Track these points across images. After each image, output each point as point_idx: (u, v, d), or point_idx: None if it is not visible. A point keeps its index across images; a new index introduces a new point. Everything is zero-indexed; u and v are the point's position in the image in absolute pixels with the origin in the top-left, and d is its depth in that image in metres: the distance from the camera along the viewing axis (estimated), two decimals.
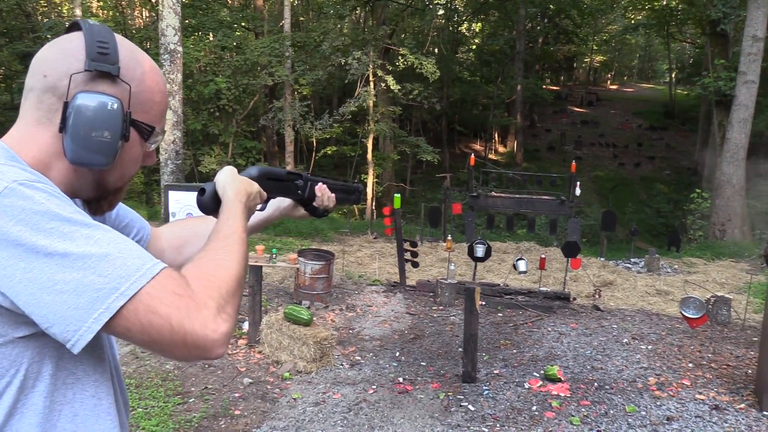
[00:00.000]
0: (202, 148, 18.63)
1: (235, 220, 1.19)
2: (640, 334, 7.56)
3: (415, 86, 19.37)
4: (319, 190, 1.56)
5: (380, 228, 15.03)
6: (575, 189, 10.68)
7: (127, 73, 1.09)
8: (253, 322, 6.70)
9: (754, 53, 15.48)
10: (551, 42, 36.90)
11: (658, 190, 27.68)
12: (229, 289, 1.06)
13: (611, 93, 48.62)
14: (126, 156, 1.14)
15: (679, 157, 32.39)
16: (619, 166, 31.31)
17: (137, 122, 1.12)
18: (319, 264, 8.24)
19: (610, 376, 6.10)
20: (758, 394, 5.47)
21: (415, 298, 9.00)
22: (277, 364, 6.18)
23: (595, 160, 32.30)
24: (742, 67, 15.69)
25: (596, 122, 37.83)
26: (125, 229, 1.37)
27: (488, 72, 32.82)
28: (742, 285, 10.54)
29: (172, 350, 0.98)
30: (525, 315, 8.32)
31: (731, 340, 7.48)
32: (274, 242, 12.53)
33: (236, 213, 1.20)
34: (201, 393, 5.49)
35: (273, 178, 1.40)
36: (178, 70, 8.43)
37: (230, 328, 1.02)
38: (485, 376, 6.05)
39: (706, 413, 5.23)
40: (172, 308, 0.96)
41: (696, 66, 32.10)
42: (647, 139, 34.85)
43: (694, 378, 6.05)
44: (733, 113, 15.96)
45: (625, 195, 26.69)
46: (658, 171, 30.72)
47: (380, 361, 6.45)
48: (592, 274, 11.24)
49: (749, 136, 16.16)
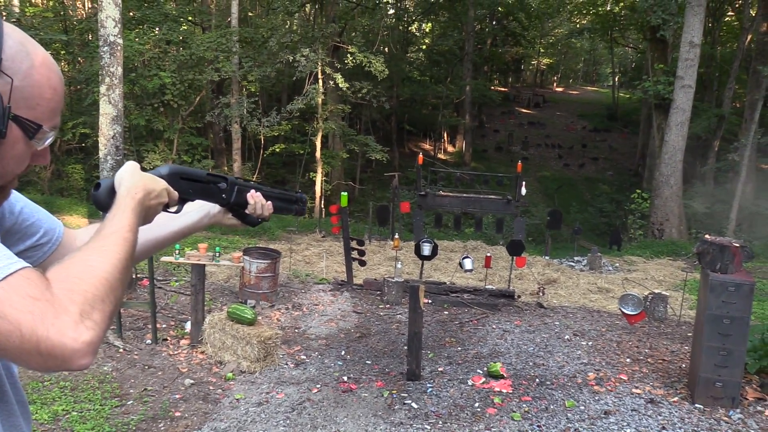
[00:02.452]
0: (145, 144, 18.17)
1: (121, 218, 1.11)
2: (581, 330, 7.75)
3: (364, 85, 19.37)
4: (252, 197, 1.48)
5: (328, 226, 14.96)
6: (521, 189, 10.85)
7: (11, 65, 1.00)
8: (195, 322, 6.58)
9: (691, 59, 16.07)
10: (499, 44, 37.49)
11: (601, 190, 28.47)
12: (98, 293, 0.96)
13: (557, 95, 49.73)
14: (5, 153, 1.04)
15: (622, 158, 33.39)
16: (564, 167, 32.06)
17: (20, 118, 1.03)
18: (264, 262, 8.15)
19: (552, 372, 6.23)
20: (690, 387, 5.68)
21: (362, 297, 9.00)
22: (220, 365, 6.08)
23: (541, 160, 32.98)
24: (680, 71, 16.27)
25: (543, 124, 38.63)
26: (30, 228, 1.27)
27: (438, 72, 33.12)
28: (679, 282, 10.93)
29: (24, 359, 0.89)
30: (470, 313, 8.42)
31: (667, 335, 7.74)
32: (220, 240, 12.34)
33: (124, 210, 1.12)
34: (140, 395, 5.35)
35: (188, 179, 1.33)
36: (119, 63, 8.19)
37: (95, 336, 0.92)
38: (429, 373, 6.09)
39: (642, 407, 5.40)
40: (24, 313, 0.87)
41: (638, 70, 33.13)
42: (591, 140, 35.79)
43: (632, 373, 6.24)
44: (671, 116, 16.54)
45: (569, 195, 27.35)
46: (601, 172, 31.59)
47: (325, 360, 6.42)
48: (537, 272, 11.47)
49: (686, 139, 16.77)
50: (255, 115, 18.31)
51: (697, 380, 5.42)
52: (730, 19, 28.57)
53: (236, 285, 8.98)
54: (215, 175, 1.41)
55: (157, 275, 9.09)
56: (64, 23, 20.42)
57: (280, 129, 19.35)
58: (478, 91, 31.76)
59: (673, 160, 16.49)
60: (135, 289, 8.27)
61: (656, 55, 21.08)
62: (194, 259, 6.79)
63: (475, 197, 10.74)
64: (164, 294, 8.41)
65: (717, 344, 5.30)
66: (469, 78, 30.36)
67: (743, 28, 22.03)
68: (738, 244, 5.47)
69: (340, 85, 18.28)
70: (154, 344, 6.51)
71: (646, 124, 27.18)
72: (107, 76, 8.18)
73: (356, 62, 18.82)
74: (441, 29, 36.11)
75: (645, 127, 27.65)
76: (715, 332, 5.30)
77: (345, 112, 21.97)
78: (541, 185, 28.59)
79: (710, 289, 5.30)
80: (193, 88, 18.15)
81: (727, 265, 5.38)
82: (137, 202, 1.15)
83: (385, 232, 15.18)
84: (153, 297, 6.57)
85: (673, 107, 16.40)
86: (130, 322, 7.09)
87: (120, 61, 8.24)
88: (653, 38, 20.28)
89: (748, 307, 5.27)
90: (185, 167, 1.34)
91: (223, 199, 1.43)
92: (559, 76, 58.34)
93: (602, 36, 32.69)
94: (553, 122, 39.77)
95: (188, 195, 1.34)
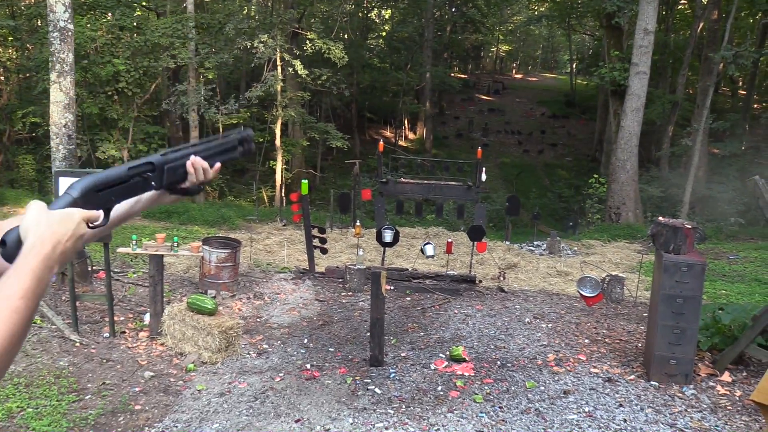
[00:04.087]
0: (100, 134, 17.71)
1: (16, 281, 0.97)
2: (541, 313, 7.89)
3: (323, 72, 19.24)
4: (192, 165, 1.35)
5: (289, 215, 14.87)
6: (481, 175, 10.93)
7: None
8: (154, 314, 6.48)
9: (645, 46, 16.39)
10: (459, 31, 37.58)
11: (560, 176, 28.92)
12: None
13: (516, 82, 50.23)
14: None
15: (580, 144, 33.95)
16: (523, 153, 32.46)
17: None
18: (224, 252, 8.06)
19: (513, 354, 6.34)
20: (646, 366, 5.85)
21: (324, 285, 8.99)
22: (180, 356, 6.02)
23: (501, 147, 33.32)
24: (635, 58, 16.57)
25: (502, 110, 39.00)
26: None
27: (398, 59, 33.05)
28: (635, 264, 11.21)
29: None
30: (432, 298, 8.50)
31: (624, 316, 7.95)
32: (178, 231, 12.15)
33: (21, 271, 0.99)
34: (98, 389, 5.25)
35: (106, 187, 1.22)
36: (70, 49, 7.95)
37: None
38: (392, 359, 6.13)
39: (600, 385, 5.54)
40: None
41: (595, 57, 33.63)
42: (550, 127, 36.28)
43: (590, 353, 6.39)
44: (626, 102, 16.85)
45: (529, 181, 27.72)
46: (560, 158, 32.09)
47: (288, 349, 6.41)
48: (498, 257, 11.62)
49: (641, 125, 17.13)
50: (212, 103, 18.02)
51: (653, 358, 5.59)
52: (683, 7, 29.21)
53: (196, 275, 8.88)
54: (138, 166, 1.29)
55: (114, 267, 8.91)
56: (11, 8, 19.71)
57: (239, 116, 19.08)
58: (438, 78, 31.83)
59: (629, 146, 16.83)
60: (91, 281, 8.09)
61: (612, 42, 21.43)
62: (152, 250, 6.67)
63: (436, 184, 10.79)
64: (121, 286, 8.25)
65: (671, 323, 5.46)
66: (429, 65, 30.39)
67: (695, 15, 22.54)
68: (690, 225, 5.63)
69: (300, 72, 18.12)
70: (111, 337, 6.40)
71: (603, 111, 27.66)
72: (58, 63, 7.93)
73: (315, 49, 18.66)
74: (401, 16, 35.99)
75: (602, 113, 28.15)
76: (669, 311, 5.46)
77: (305, 100, 21.79)
78: (502, 171, 28.91)
79: (664, 269, 5.45)
80: (148, 76, 17.76)
81: (680, 246, 5.54)
82: (41, 259, 1.02)
83: (347, 219, 15.16)
84: (110, 289, 6.44)
85: (629, 93, 16.71)
86: (86, 316, 6.94)
87: (71, 47, 8.00)
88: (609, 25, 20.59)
89: (700, 286, 5.45)
90: (99, 174, 1.23)
91: (153, 186, 1.32)
92: (518, 63, 58.90)
93: (560, 23, 33.06)
94: (512, 109, 40.18)
95: (112, 203, 1.24)
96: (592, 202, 18.64)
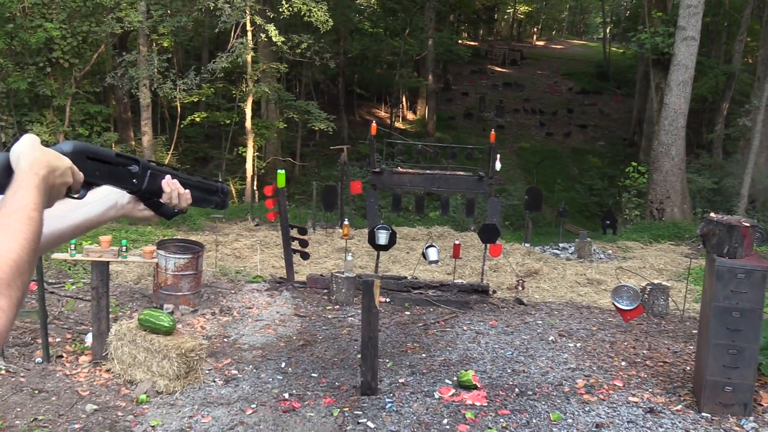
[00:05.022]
0: (29, 114, 17.67)
1: (25, 194, 1.12)
2: (568, 330, 7.92)
3: (303, 38, 19.20)
4: (167, 184, 1.50)
5: (263, 212, 14.86)
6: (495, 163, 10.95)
7: None
8: (98, 334, 6.46)
9: (695, 6, 16.43)
10: None
11: (591, 163, 29.02)
12: (4, 276, 1.00)
13: (537, 50, 50.34)
14: None
15: (615, 125, 34.07)
16: (546, 137, 32.55)
17: None
18: (184, 258, 8.06)
19: (533, 379, 6.35)
20: (696, 393, 5.88)
21: (305, 297, 9.00)
22: (130, 385, 6.01)
23: (519, 129, 33.41)
24: (681, 21, 16.62)
25: (520, 85, 39.08)
26: None
27: (393, 23, 33.07)
28: (682, 271, 11.25)
29: None
30: (436, 312, 8.51)
31: (668, 333, 7.98)
32: (128, 232, 12.14)
33: (27, 186, 1.14)
34: (29, 427, 5.24)
35: (94, 158, 1.34)
36: None
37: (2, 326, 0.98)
38: (389, 386, 6.14)
39: (640, 417, 5.56)
40: None
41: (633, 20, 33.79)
42: (579, 104, 36.40)
43: (627, 378, 6.41)
44: (671, 74, 16.92)
45: (553, 170, 27.80)
46: (590, 142, 32.20)
47: (262, 375, 6.41)
48: (515, 262, 11.65)
49: (689, 101, 17.18)
50: (169, 77, 17.98)
51: (704, 384, 5.60)
52: None
53: (149, 287, 8.86)
54: (125, 156, 1.42)
55: (48, 277, 8.89)
56: None
57: (201, 93, 19.07)
58: (443, 45, 31.87)
59: (674, 127, 16.89)
60: None
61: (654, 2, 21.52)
62: (95, 256, 6.66)
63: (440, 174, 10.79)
64: (57, 300, 8.24)
65: (725, 342, 5.48)
66: (431, 30, 30.43)
67: None
68: (748, 223, 5.65)
69: (274, 39, 18.09)
70: (45, 363, 6.38)
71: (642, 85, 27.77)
72: None
73: (293, 11, 18.63)
74: None
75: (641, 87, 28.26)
76: (723, 328, 5.47)
77: (281, 73, 21.76)
78: (520, 159, 29.00)
79: (716, 276, 5.46)
80: (88, 44, 17.68)
81: (736, 249, 5.56)
82: (41, 179, 1.16)
83: (333, 217, 15.17)
84: (43, 304, 6.42)
85: (674, 63, 16.77)
86: (14, 337, 6.92)
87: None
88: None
89: (761, 297, 5.46)
90: (92, 145, 1.34)
91: (134, 184, 1.44)
92: (539, 28, 58.98)
93: None
94: (533, 83, 40.27)
95: (95, 178, 1.34)
96: (630, 195, 18.72)
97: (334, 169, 22.68)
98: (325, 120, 20.59)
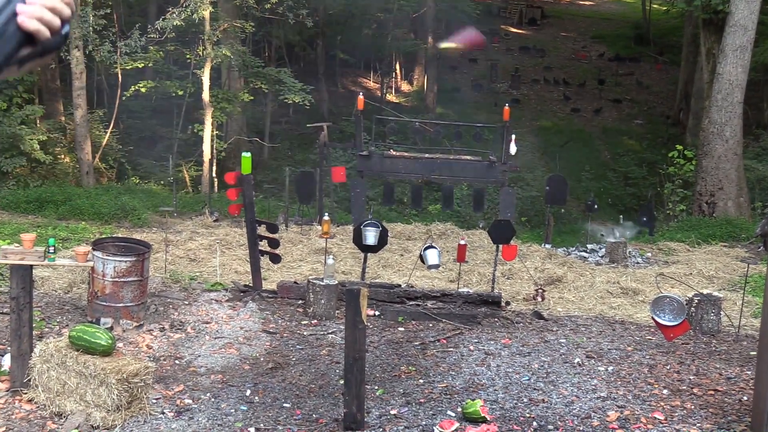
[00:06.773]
0: None
1: None
2: (597, 350, 7.91)
3: None
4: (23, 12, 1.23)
5: (223, 205, 14.82)
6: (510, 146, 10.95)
7: None
8: (18, 355, 6.43)
9: None
10: None
11: (627, 147, 29.02)
12: None
13: (562, 7, 50.33)
14: None
15: (656, 100, 34.10)
16: (572, 113, 32.54)
17: None
18: (126, 261, 8.02)
19: (556, 411, 6.35)
20: (755, 428, 5.88)
21: (275, 310, 8.97)
22: (58, 418, 5.98)
23: (540, 103, 33.40)
24: None
25: (540, 49, 39.07)
26: None
27: None
28: (738, 279, 11.26)
29: None
30: (437, 329, 8.49)
31: (721, 355, 7.98)
32: (56, 229, 12.08)
33: None
34: None
35: None
36: None
37: None
38: (378, 419, 6.13)
39: None
40: None
41: None
42: (612, 74, 36.39)
43: (670, 410, 6.42)
44: (726, 38, 16.90)
45: (580, 154, 27.79)
46: (626, 120, 32.18)
47: (222, 405, 6.39)
48: (534, 267, 11.65)
49: (748, 71, 17.16)
50: (107, 37, 17.90)
51: (765, 418, 5.61)
52: None
53: (83, 296, 8.82)
54: None
55: None
56: None
57: (147, 58, 18.97)
58: (446, 1, 31.81)
59: (728, 102, 16.89)
60: None
61: None
62: (14, 258, 6.62)
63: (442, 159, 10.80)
64: None
65: None
66: None
67: None
68: None
69: None
70: None
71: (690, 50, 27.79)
72: None
73: None
74: None
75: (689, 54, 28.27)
76: None
77: (246, 33, 21.71)
78: (540, 140, 28.98)
79: None
80: None
81: None
82: None
83: (310, 212, 15.15)
84: None
85: (730, 24, 16.75)
86: None
87: None
88: None
89: None
90: None
91: None
92: None
93: None
94: (555, 47, 40.27)
95: None
96: (674, 186, 18.74)
97: (312, 152, 22.62)
98: (301, 91, 20.52)
